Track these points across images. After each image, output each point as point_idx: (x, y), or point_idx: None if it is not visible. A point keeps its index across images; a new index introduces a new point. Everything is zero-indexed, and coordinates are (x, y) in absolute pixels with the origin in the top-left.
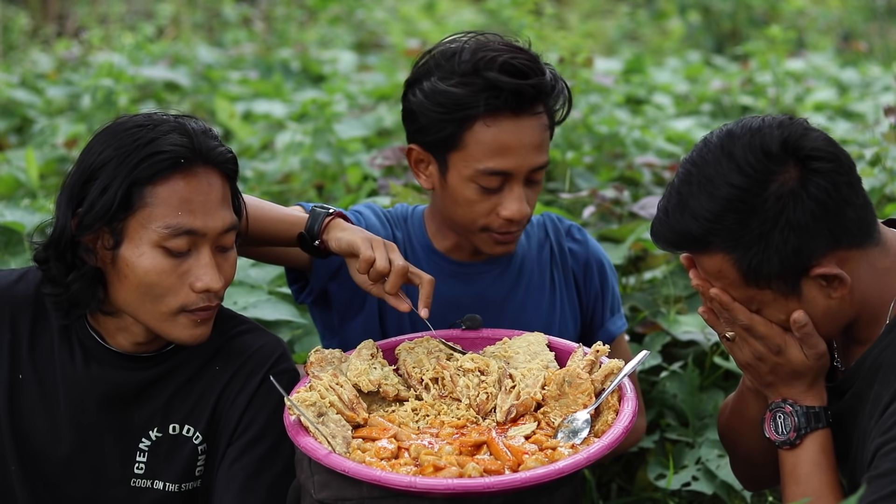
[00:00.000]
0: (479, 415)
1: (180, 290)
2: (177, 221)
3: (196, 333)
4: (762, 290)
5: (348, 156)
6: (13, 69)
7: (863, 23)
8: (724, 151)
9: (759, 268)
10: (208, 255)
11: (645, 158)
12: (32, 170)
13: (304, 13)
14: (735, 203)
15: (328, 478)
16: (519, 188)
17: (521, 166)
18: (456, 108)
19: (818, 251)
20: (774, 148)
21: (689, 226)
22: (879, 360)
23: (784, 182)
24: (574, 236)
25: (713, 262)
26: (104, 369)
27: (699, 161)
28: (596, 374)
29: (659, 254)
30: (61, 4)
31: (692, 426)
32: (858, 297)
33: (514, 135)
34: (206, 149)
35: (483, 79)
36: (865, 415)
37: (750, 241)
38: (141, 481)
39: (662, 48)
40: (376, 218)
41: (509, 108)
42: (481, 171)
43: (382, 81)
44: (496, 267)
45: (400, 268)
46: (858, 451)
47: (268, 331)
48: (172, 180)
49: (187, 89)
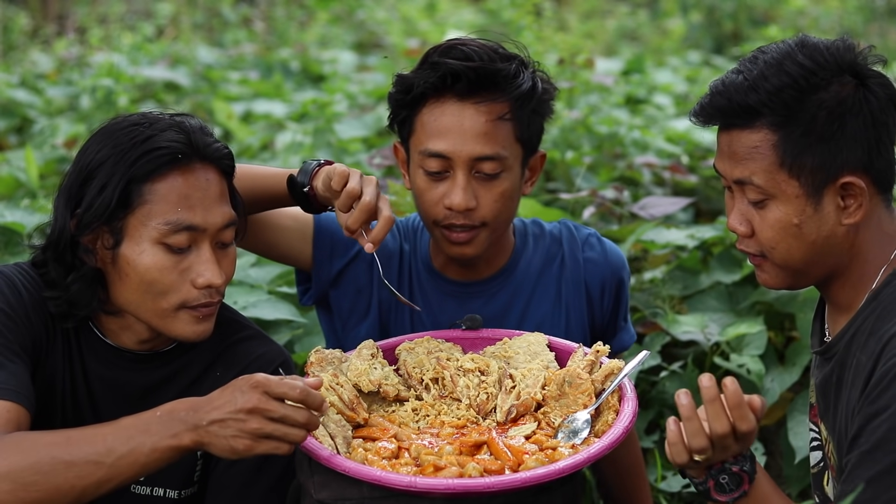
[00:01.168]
0: (479, 415)
1: (181, 286)
2: (176, 217)
3: (198, 330)
4: (791, 178)
5: (348, 156)
6: (13, 69)
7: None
8: (798, 44)
9: (800, 153)
10: (209, 250)
11: (645, 158)
12: (32, 170)
13: (304, 13)
14: (799, 80)
15: (328, 478)
16: (462, 177)
17: (459, 151)
18: (407, 90)
19: (852, 163)
20: (847, 58)
21: (748, 95)
22: (863, 328)
23: (847, 84)
24: (592, 247)
25: (753, 138)
26: (109, 370)
27: (768, 50)
28: (596, 375)
29: (659, 254)
30: (61, 4)
31: None
32: (857, 245)
33: (456, 118)
34: (202, 145)
35: (431, 62)
36: (848, 383)
37: (801, 120)
38: (141, 488)
39: (662, 48)
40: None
41: (453, 91)
42: (422, 153)
43: (382, 81)
44: (491, 286)
45: (366, 203)
46: (842, 419)
47: (271, 339)
48: (170, 177)
49: (187, 89)
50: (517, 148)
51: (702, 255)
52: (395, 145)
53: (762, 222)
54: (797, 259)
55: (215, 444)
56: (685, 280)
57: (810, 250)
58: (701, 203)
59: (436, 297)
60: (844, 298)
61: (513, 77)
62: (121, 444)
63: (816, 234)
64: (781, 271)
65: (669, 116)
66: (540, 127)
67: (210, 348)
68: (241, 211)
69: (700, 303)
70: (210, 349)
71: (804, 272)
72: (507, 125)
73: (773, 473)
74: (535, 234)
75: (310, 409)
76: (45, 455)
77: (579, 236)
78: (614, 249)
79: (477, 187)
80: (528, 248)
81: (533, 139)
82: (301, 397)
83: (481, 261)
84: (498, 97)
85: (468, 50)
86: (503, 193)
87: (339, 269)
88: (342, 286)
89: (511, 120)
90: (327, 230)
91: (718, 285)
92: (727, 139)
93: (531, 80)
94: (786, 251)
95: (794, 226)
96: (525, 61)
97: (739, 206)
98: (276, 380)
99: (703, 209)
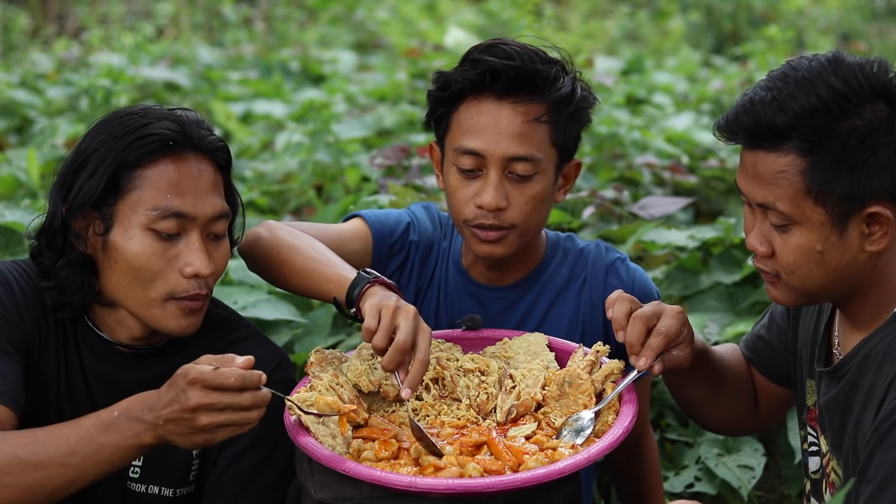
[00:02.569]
0: (479, 415)
1: (169, 274)
2: (165, 203)
3: (184, 324)
4: (817, 206)
5: (347, 157)
6: (13, 69)
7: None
8: (831, 63)
9: (828, 182)
10: (198, 239)
11: (645, 159)
12: (33, 170)
13: (304, 13)
14: (830, 105)
15: (328, 478)
16: (495, 176)
17: (493, 150)
18: (445, 87)
19: (879, 192)
20: (881, 80)
21: (776, 116)
22: (877, 350)
23: (880, 112)
24: (617, 271)
25: (779, 163)
26: (106, 365)
27: (799, 66)
28: (596, 375)
29: (659, 254)
30: (61, 4)
31: (692, 426)
32: (879, 269)
33: (493, 117)
34: (197, 136)
35: (472, 59)
36: (859, 404)
37: (832, 148)
38: (136, 485)
39: (662, 48)
40: (430, 221)
41: (491, 89)
42: (456, 150)
43: (382, 81)
44: (513, 293)
45: (400, 344)
46: (850, 440)
47: (269, 339)
48: (161, 163)
49: (187, 90)
50: (552, 152)
51: (702, 255)
52: (431, 144)
53: (783, 245)
54: (815, 283)
55: (176, 441)
56: (685, 280)
57: (830, 276)
58: (701, 203)
59: (457, 295)
60: (864, 317)
61: (552, 80)
62: (84, 445)
63: (839, 260)
64: (795, 292)
65: (669, 116)
66: (577, 134)
67: (208, 347)
68: (237, 208)
69: (700, 303)
70: (208, 348)
71: (819, 295)
72: (544, 128)
73: (773, 473)
74: (566, 248)
75: (253, 390)
76: (13, 457)
77: (607, 259)
78: (643, 278)
79: (509, 188)
80: (555, 261)
81: (569, 145)
82: (238, 384)
83: (508, 265)
84: (536, 98)
85: (510, 49)
86: (535, 196)
87: (399, 263)
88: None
89: (548, 123)
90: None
91: (718, 285)
92: (752, 159)
93: (571, 85)
94: (805, 275)
95: (816, 252)
96: (566, 67)
97: (761, 226)
98: (211, 372)
99: (703, 209)
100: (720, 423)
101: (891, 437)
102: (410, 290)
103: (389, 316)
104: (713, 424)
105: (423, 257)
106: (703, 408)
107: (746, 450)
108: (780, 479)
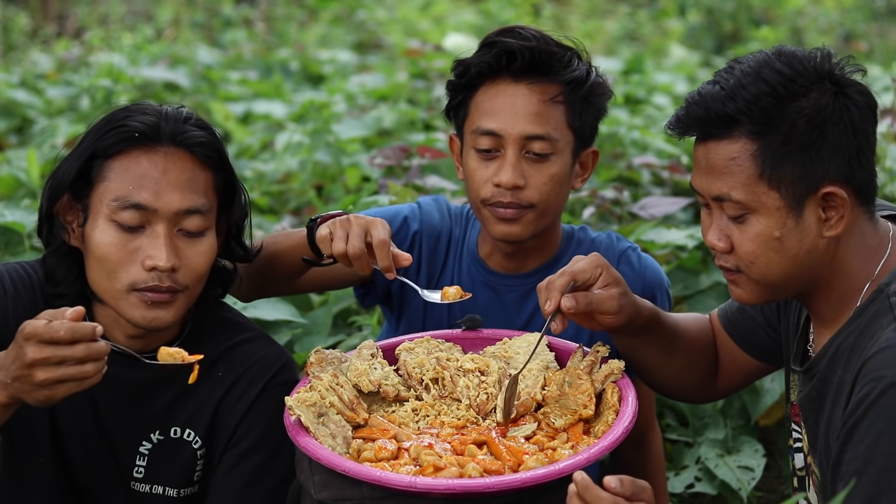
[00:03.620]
0: (479, 415)
1: (130, 266)
2: (125, 195)
3: (149, 316)
4: (771, 190)
5: (347, 156)
6: (13, 69)
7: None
8: (775, 53)
9: (780, 163)
10: (161, 233)
11: (644, 159)
12: (33, 170)
13: (304, 13)
14: (778, 88)
15: (328, 478)
16: (513, 155)
17: (510, 129)
18: (463, 73)
19: (832, 173)
20: (825, 66)
21: (725, 104)
22: (845, 345)
23: (826, 92)
24: (628, 260)
25: (731, 149)
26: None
27: (744, 60)
28: (596, 375)
29: (659, 254)
30: (61, 4)
31: (692, 426)
32: (838, 258)
33: (510, 98)
34: (175, 130)
35: (488, 43)
36: (830, 401)
37: (781, 128)
38: (141, 485)
39: (662, 48)
40: (438, 212)
41: (508, 71)
42: (475, 132)
43: (382, 81)
44: (528, 283)
45: (354, 254)
46: (823, 437)
47: (275, 341)
48: (131, 155)
49: (187, 90)
50: (568, 134)
51: (702, 255)
52: (451, 137)
53: (742, 236)
54: (776, 273)
55: (26, 399)
56: (685, 280)
57: (791, 264)
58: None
59: (471, 284)
60: (829, 313)
61: (567, 62)
62: None
63: (798, 247)
64: (758, 286)
65: (669, 116)
66: (593, 120)
67: (212, 349)
68: (240, 208)
69: (700, 303)
70: (212, 350)
71: (781, 287)
72: (560, 108)
73: (773, 473)
74: (580, 238)
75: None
76: None
77: (618, 248)
78: (653, 266)
79: (527, 167)
80: (570, 251)
81: (585, 130)
82: (69, 336)
83: (526, 253)
84: (551, 79)
85: (525, 33)
86: (553, 177)
87: None
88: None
89: (563, 104)
90: None
91: (718, 285)
92: (704, 151)
93: (585, 69)
94: (765, 265)
95: (774, 239)
96: (580, 54)
97: (718, 222)
98: (43, 325)
99: None
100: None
101: (859, 430)
102: (422, 278)
103: (338, 224)
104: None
105: (432, 246)
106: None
107: (746, 450)
108: (780, 479)
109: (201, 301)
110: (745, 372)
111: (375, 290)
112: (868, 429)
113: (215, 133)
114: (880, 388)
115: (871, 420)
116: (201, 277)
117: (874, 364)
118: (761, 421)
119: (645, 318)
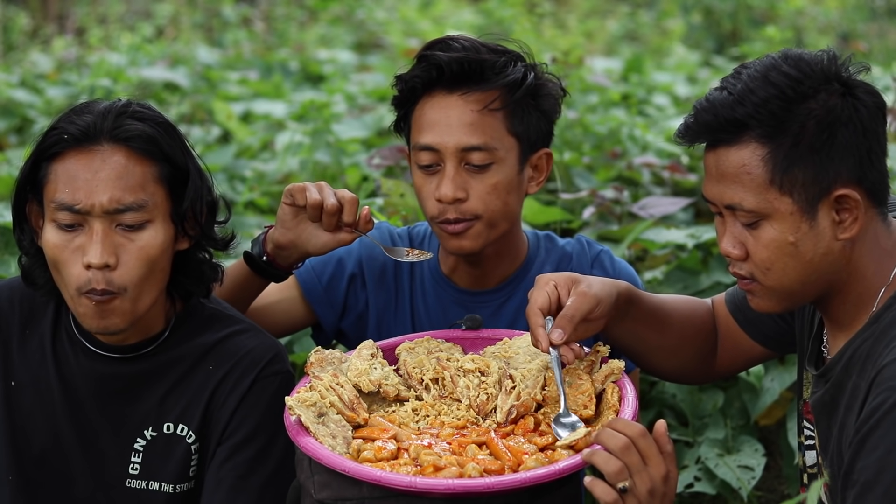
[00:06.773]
0: (479, 415)
1: (73, 267)
2: (60, 196)
3: (101, 324)
4: (783, 195)
5: (347, 156)
6: (13, 69)
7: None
8: (781, 56)
9: (790, 166)
10: (95, 231)
11: (644, 158)
12: None
13: (304, 13)
14: (786, 90)
15: (328, 478)
16: (451, 168)
17: (447, 143)
18: (402, 87)
19: (844, 175)
20: (832, 68)
21: (734, 109)
22: (860, 351)
23: (834, 93)
24: (602, 264)
25: (741, 155)
26: (92, 362)
27: (750, 65)
28: (596, 375)
29: (659, 254)
30: (61, 4)
31: (692, 426)
32: (854, 261)
33: (444, 110)
34: (109, 127)
35: (419, 57)
36: (844, 406)
37: (790, 131)
38: (136, 482)
39: (662, 48)
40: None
41: (440, 84)
42: (414, 148)
43: (382, 81)
44: (498, 296)
45: (329, 207)
46: (835, 443)
47: (265, 332)
48: (70, 157)
49: (186, 90)
50: (510, 140)
51: (702, 255)
52: (405, 152)
53: (756, 243)
54: (792, 279)
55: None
56: (685, 280)
57: (807, 269)
58: (700, 203)
59: (439, 305)
60: (845, 318)
61: (500, 67)
62: None
63: (813, 251)
64: (775, 294)
65: (669, 116)
66: (538, 123)
67: (202, 343)
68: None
69: None
70: (201, 343)
71: (799, 293)
72: (497, 116)
73: (773, 473)
74: (548, 247)
75: None
76: None
77: (591, 253)
78: (626, 269)
79: (468, 179)
80: (538, 260)
81: (531, 134)
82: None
83: (488, 264)
84: (484, 87)
85: (455, 44)
86: (496, 186)
87: (342, 301)
88: (348, 314)
89: (501, 110)
90: (312, 277)
91: (718, 285)
92: (714, 159)
93: (521, 72)
94: (781, 271)
95: (789, 244)
96: (521, 57)
97: (732, 229)
98: None
99: (702, 209)
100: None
101: (872, 439)
102: (387, 312)
103: (311, 183)
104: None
105: (377, 278)
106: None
107: (746, 450)
108: (780, 479)
109: (183, 295)
110: (748, 357)
111: (324, 332)
112: (881, 438)
113: (159, 123)
114: (894, 398)
115: (885, 430)
116: (148, 273)
117: (889, 373)
118: (761, 420)
119: (624, 293)
